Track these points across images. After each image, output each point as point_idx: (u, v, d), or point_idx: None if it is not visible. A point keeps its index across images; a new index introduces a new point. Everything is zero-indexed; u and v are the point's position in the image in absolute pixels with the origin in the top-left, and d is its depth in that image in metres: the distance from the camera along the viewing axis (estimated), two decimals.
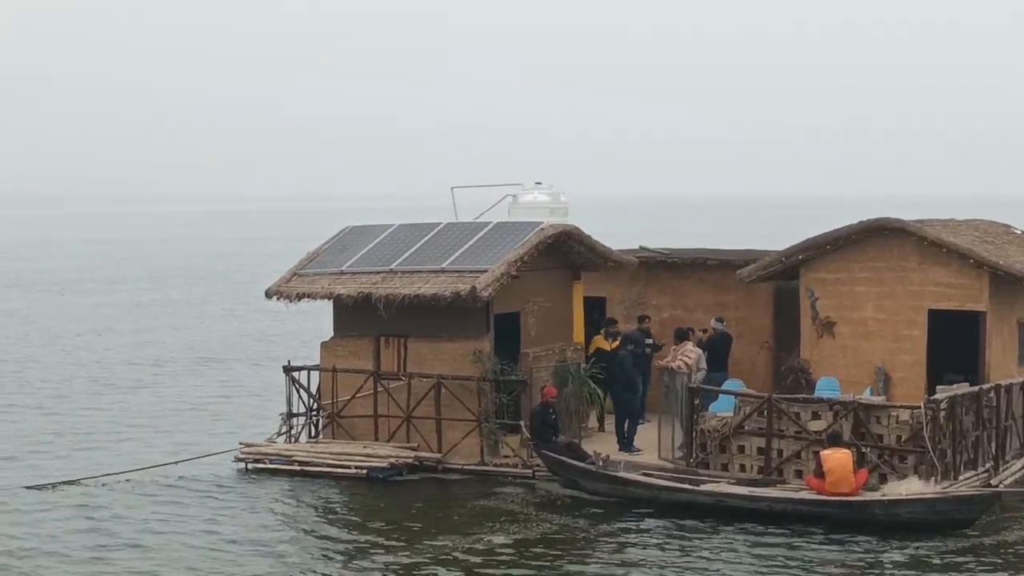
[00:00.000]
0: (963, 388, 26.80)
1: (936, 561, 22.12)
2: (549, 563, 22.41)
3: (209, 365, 47.40)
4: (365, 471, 27.96)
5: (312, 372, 30.46)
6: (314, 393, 30.35)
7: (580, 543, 23.69)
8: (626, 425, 29.23)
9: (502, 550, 23.07)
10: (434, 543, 23.40)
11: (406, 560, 22.45)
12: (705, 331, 31.30)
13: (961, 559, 22.23)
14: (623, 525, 24.49)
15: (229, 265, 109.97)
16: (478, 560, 22.45)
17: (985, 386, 27.51)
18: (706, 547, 23.02)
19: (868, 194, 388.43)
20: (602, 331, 30.78)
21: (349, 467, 28.19)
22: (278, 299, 30.54)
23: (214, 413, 37.09)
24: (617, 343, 30.03)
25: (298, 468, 28.50)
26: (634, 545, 23.29)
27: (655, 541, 23.45)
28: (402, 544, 23.41)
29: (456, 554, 22.78)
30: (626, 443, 28.95)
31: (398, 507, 26.10)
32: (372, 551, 23.06)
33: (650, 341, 30.72)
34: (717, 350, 30.74)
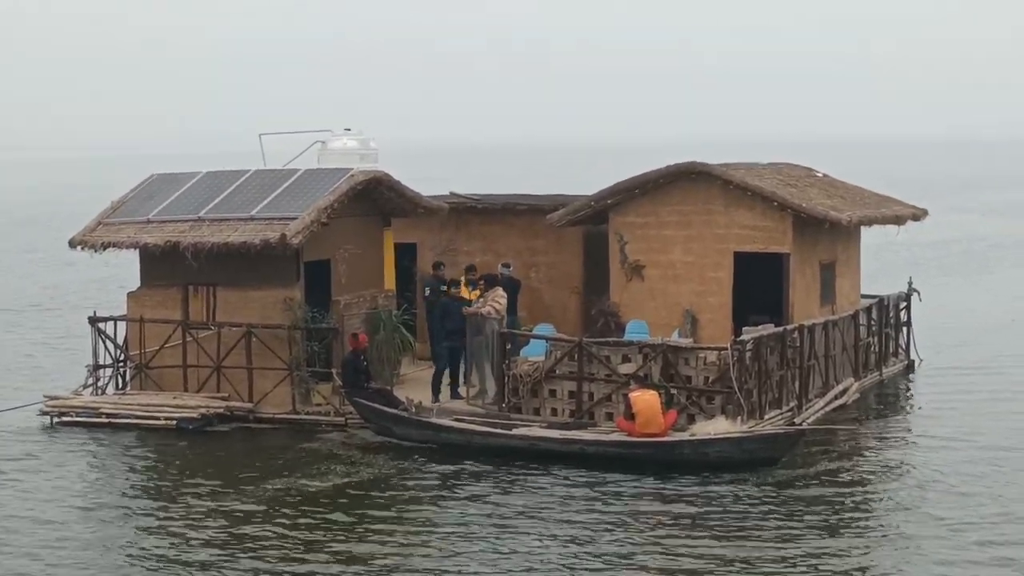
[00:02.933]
0: (768, 329, 27.36)
1: (743, 497, 22.56)
2: (364, 508, 22.43)
3: (7, 316, 46.27)
4: (175, 422, 27.63)
5: (119, 323, 29.96)
6: (121, 344, 29.86)
7: (394, 488, 23.73)
8: (446, 373, 29.08)
9: (317, 496, 23.02)
10: (248, 491, 23.27)
11: (220, 508, 22.27)
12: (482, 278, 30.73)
13: (767, 494, 22.72)
14: (437, 470, 24.56)
15: (32, 213, 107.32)
16: (293, 506, 22.37)
17: (789, 327, 28.12)
18: (520, 490, 23.21)
19: (673, 138, 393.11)
20: (462, 279, 30.11)
21: (159, 418, 27.83)
22: (83, 249, 29.93)
23: (16, 366, 36.22)
24: (478, 292, 29.66)
25: (106, 420, 28.06)
26: (448, 489, 23.39)
27: (469, 485, 23.57)
28: (215, 493, 23.22)
29: (270, 501, 22.67)
30: (453, 390, 28.90)
31: (210, 457, 25.87)
32: (185, 501, 22.82)
33: (444, 288, 30.37)
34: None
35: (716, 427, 24.96)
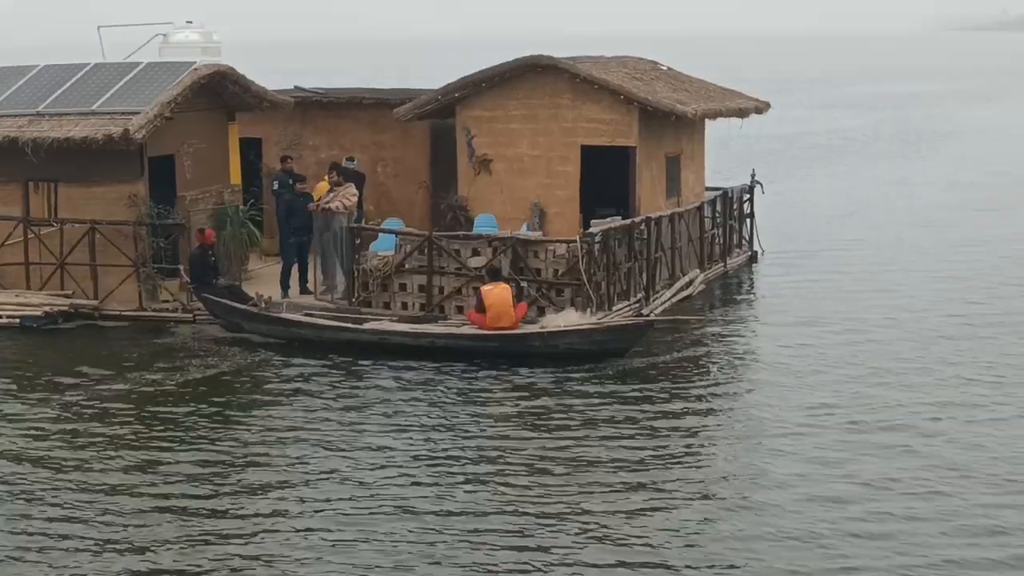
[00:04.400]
0: (616, 222, 27.58)
1: (592, 387, 22.86)
2: (215, 400, 22.40)
3: None
4: (18, 320, 27.18)
5: None
6: None
7: (245, 381, 23.70)
8: (295, 268, 28.89)
9: (167, 390, 22.91)
10: (96, 387, 23.05)
11: (68, 403, 22.05)
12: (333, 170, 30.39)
13: (616, 384, 23.05)
14: (288, 365, 24.53)
15: None
16: (143, 400, 22.25)
17: (636, 219, 28.38)
18: (368, 384, 23.27)
19: (523, 33, 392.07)
20: (326, 178, 29.37)
21: (1, 316, 27.35)
22: None
23: None
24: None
25: None
26: (299, 383, 23.36)
27: (320, 378, 23.57)
28: (64, 389, 22.98)
29: (119, 395, 22.54)
30: (302, 285, 28.70)
31: (56, 355, 25.52)
32: (32, 397, 22.54)
33: (291, 181, 30.08)
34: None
35: (566, 319, 25.17)
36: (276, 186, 30.23)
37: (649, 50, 45.38)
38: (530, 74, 30.20)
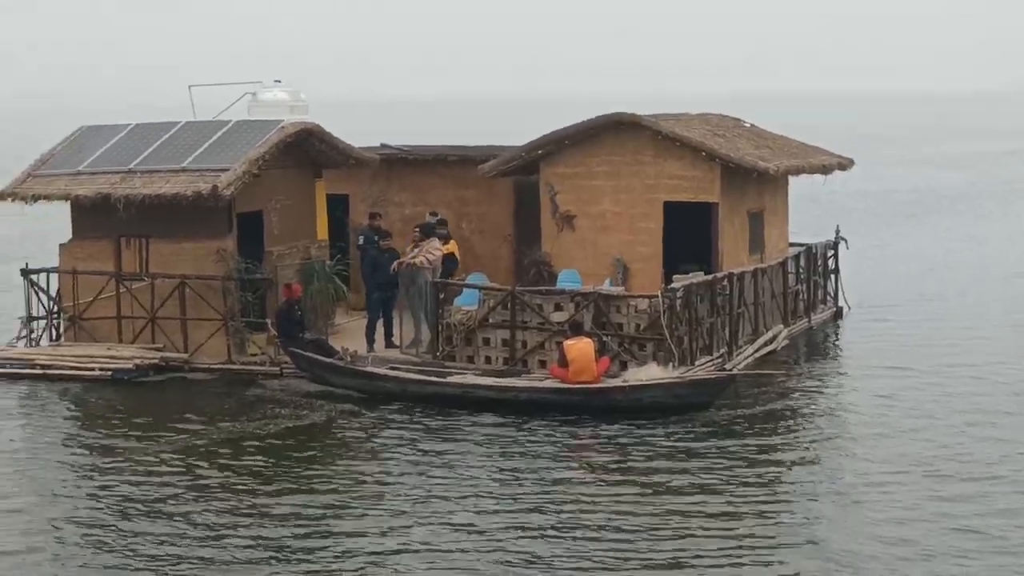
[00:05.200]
0: (698, 277, 27.71)
1: (676, 440, 22.93)
2: (305, 450, 22.76)
3: None
4: (110, 372, 27.67)
5: (52, 274, 29.91)
6: (54, 296, 29.82)
7: (334, 432, 24.02)
8: (379, 322, 29.20)
9: (259, 440, 23.32)
10: (185, 438, 23.46)
11: (161, 455, 22.45)
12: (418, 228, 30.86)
13: (700, 437, 23.11)
14: (373, 417, 24.80)
15: None
16: (231, 452, 22.61)
17: (719, 275, 28.49)
18: (454, 437, 23.47)
19: (602, 92, 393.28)
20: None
21: (93, 369, 27.86)
22: (12, 201, 29.83)
23: None
24: (448, 247, 29.47)
25: (40, 372, 28.04)
26: (385, 435, 23.62)
27: (406, 432, 23.80)
28: (154, 440, 23.40)
29: (208, 447, 22.93)
30: (387, 339, 29.05)
31: (146, 407, 25.96)
32: (124, 448, 22.97)
33: (376, 238, 30.50)
34: None
35: (648, 374, 25.30)
36: (361, 241, 30.65)
37: (732, 108, 45.51)
38: (613, 131, 30.45)
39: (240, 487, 20.77)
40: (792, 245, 33.73)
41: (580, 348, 25.18)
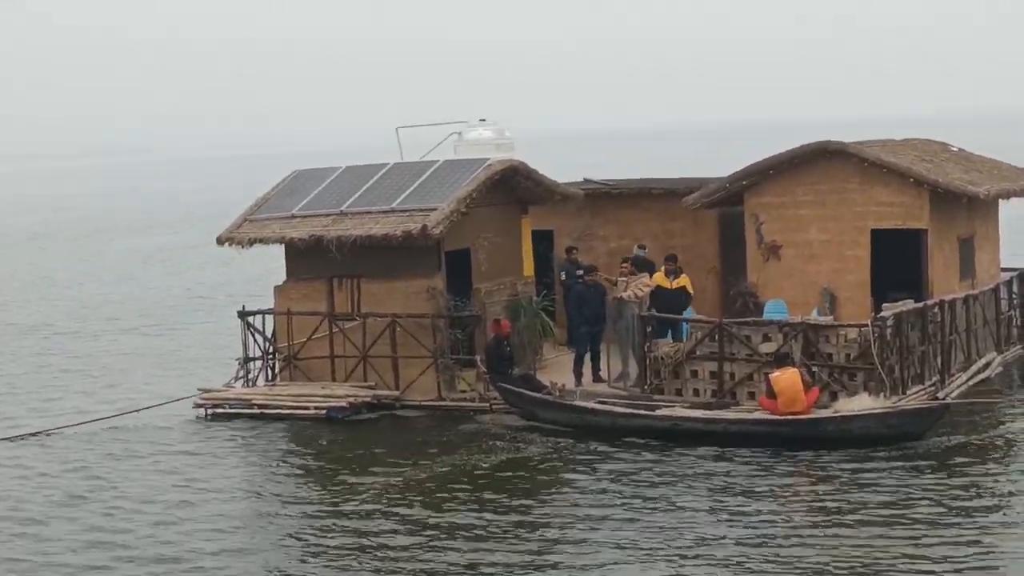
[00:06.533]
0: (908, 305, 27.37)
1: (891, 473, 22.67)
2: (513, 486, 23.03)
3: (161, 314, 47.38)
4: (324, 411, 28.28)
5: (267, 316, 30.71)
6: (269, 337, 30.59)
7: (541, 469, 24.21)
8: (587, 355, 29.34)
9: (466, 478, 23.63)
10: (401, 473, 23.93)
11: (378, 489, 22.99)
12: (627, 260, 30.87)
13: (915, 469, 22.82)
14: (582, 451, 24.98)
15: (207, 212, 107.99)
16: (444, 487, 22.99)
17: (929, 302, 28.11)
18: (669, 469, 23.53)
19: (806, 116, 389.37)
20: (662, 268, 29.99)
21: (308, 408, 28.50)
22: (230, 245, 30.70)
23: (169, 361, 37.16)
24: (679, 281, 29.55)
25: (258, 411, 28.78)
26: (595, 469, 23.78)
27: (619, 465, 23.93)
28: (371, 475, 23.94)
29: (423, 482, 23.35)
30: (595, 373, 29.19)
31: (361, 444, 26.51)
32: (341, 484, 23.54)
33: (580, 272, 30.71)
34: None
35: (859, 404, 25.07)
36: (564, 276, 30.91)
37: (940, 132, 44.80)
38: (818, 159, 30.26)
39: (464, 517, 21.21)
40: (1004, 270, 33.09)
41: (787, 379, 25.07)
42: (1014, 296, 32.03)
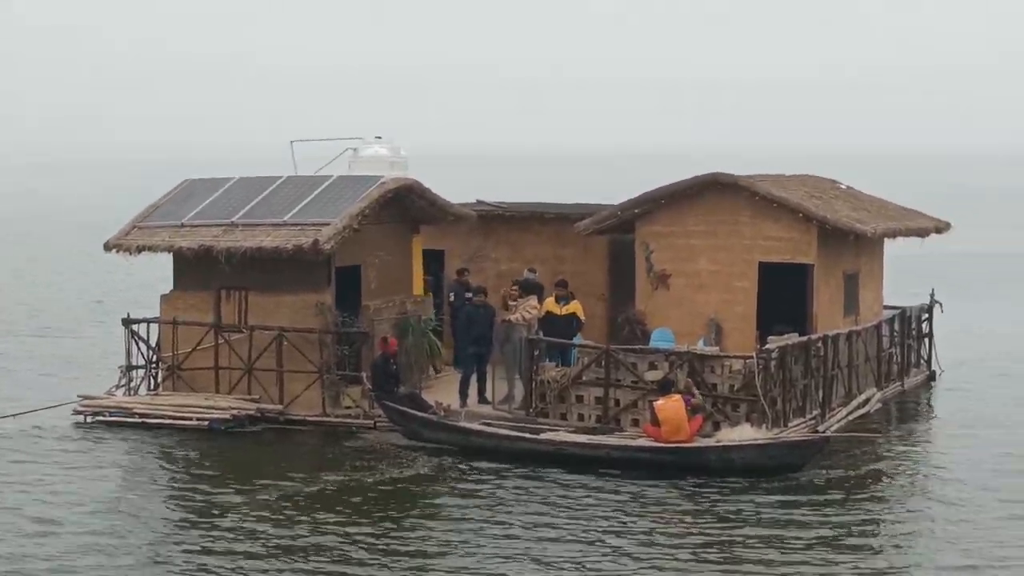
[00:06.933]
0: (793, 339, 27.70)
1: (767, 501, 22.91)
2: (392, 506, 22.98)
3: (40, 319, 46.70)
4: (207, 422, 28.06)
5: (152, 325, 30.42)
6: (153, 346, 30.31)
7: (422, 490, 24.18)
8: (473, 376, 29.40)
9: (346, 495, 23.52)
10: (278, 489, 23.77)
11: (253, 506, 22.78)
12: (516, 283, 30.87)
13: (793, 500, 23.08)
14: (465, 473, 24.98)
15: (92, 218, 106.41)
16: (321, 505, 22.87)
17: (813, 336, 28.46)
18: (546, 494, 23.59)
19: (694, 146, 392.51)
20: (553, 293, 30.09)
21: (190, 419, 28.26)
22: (117, 252, 30.40)
23: (49, 367, 36.62)
24: (570, 307, 29.62)
25: (139, 420, 28.49)
26: (476, 491, 23.79)
27: (497, 489, 23.96)
28: (248, 490, 23.73)
29: (300, 499, 23.21)
30: (480, 395, 29.24)
31: (242, 457, 26.35)
32: (219, 498, 23.34)
33: (470, 294, 30.77)
34: None
35: (741, 434, 25.32)
36: (452, 297, 30.97)
37: (830, 168, 45.44)
38: (709, 191, 30.55)
39: (339, 535, 21.07)
40: (887, 308, 33.59)
41: (671, 407, 25.26)
42: (895, 334, 32.50)
